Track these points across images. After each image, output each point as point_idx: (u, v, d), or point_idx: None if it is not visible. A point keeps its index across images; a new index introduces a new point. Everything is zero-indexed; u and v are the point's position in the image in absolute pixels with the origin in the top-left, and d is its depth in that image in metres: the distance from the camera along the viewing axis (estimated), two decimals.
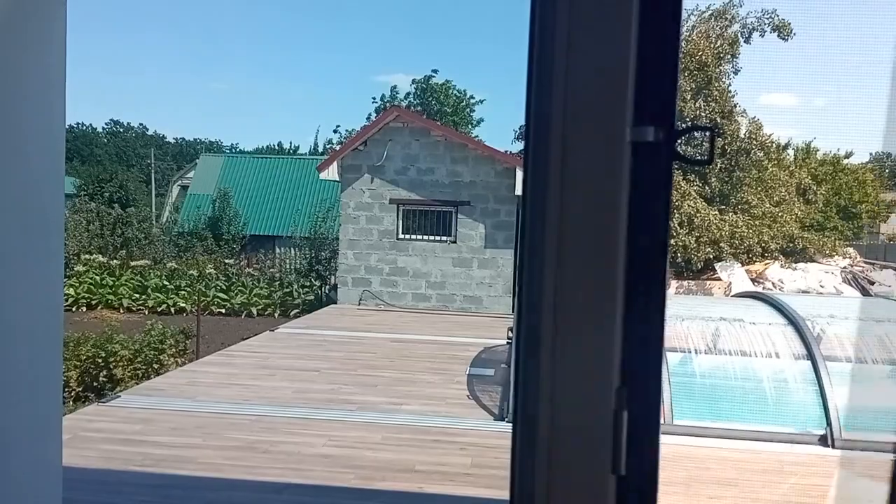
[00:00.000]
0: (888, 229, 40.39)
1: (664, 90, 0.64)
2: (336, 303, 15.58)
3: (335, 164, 15.29)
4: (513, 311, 13.96)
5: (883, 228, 40.31)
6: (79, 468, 4.95)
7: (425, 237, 15.05)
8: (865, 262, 21.14)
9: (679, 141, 0.67)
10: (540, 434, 0.59)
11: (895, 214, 40.07)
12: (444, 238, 14.99)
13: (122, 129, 75.08)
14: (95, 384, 9.51)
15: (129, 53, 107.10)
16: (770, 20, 20.38)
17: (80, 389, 9.44)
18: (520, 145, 41.52)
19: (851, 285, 18.34)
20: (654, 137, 0.64)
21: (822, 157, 36.74)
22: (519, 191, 14.37)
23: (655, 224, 0.63)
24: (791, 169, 22.85)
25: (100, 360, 9.60)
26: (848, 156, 38.47)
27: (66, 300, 17.11)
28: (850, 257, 21.53)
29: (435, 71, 45.42)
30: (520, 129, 41.27)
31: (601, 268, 0.59)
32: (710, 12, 20.31)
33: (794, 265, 19.72)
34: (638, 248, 0.61)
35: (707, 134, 0.68)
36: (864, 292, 17.72)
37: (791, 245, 20.57)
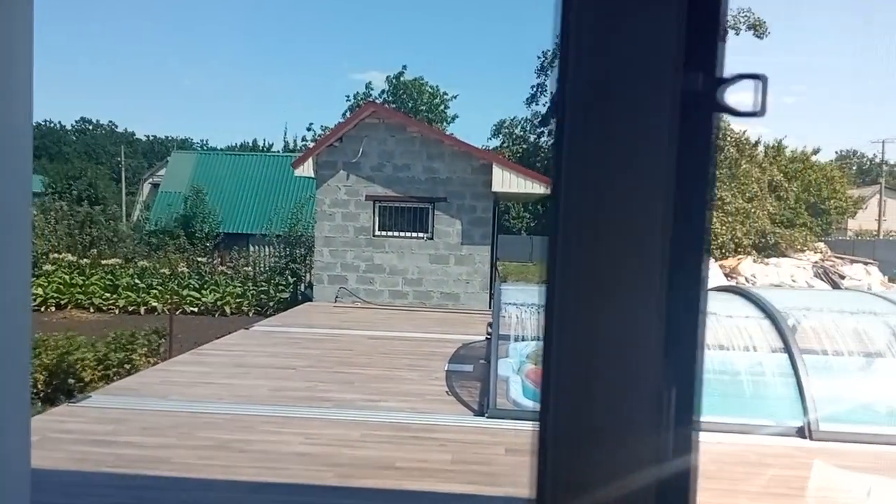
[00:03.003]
0: (856, 225, 41.18)
1: (712, 27, 0.58)
2: (312, 300, 15.43)
3: (310, 160, 15.14)
4: (489, 307, 13.92)
5: (851, 224, 41.10)
6: (48, 470, 4.81)
7: (402, 234, 14.97)
8: (836, 257, 21.47)
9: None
10: (576, 420, 0.53)
11: (862, 211, 40.89)
12: (420, 235, 14.92)
13: (91, 127, 73.95)
14: (64, 388, 9.27)
15: (100, 50, 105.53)
16: (746, 18, 20.60)
17: (50, 391, 9.20)
18: (496, 141, 41.51)
19: (822, 279, 18.61)
20: (699, 85, 0.58)
21: (790, 154, 37.36)
22: (496, 187, 14.34)
23: (699, 183, 0.57)
24: (763, 165, 23.16)
25: (66, 364, 9.34)
26: (815, 152, 39.19)
27: (35, 300, 16.74)
28: (821, 252, 21.87)
29: (405, 67, 45.36)
30: (496, 124, 41.29)
31: (644, 232, 0.52)
32: None
33: (766, 260, 19.97)
34: (680, 209, 0.55)
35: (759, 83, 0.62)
36: (835, 286, 17.98)
37: (763, 240, 20.84)
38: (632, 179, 0.55)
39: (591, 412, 0.54)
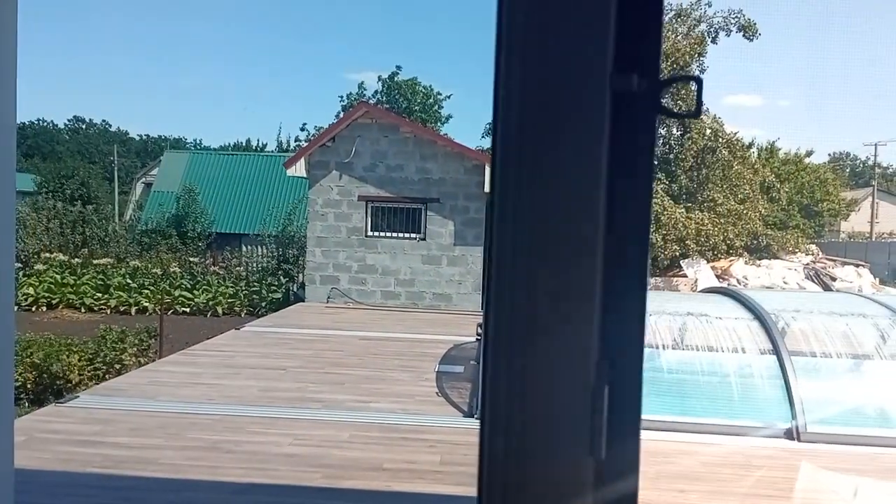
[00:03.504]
0: (848, 227, 41.35)
1: (648, 33, 0.58)
2: (304, 301, 15.41)
3: (302, 160, 15.12)
4: (482, 308, 13.94)
5: (843, 226, 41.27)
6: (34, 470, 4.78)
7: (394, 234, 14.96)
8: (827, 259, 21.55)
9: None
10: (511, 418, 0.53)
11: (855, 213, 41.06)
12: (413, 235, 14.92)
13: (84, 126, 73.62)
14: (53, 387, 9.24)
15: (93, 49, 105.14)
16: (736, 20, 20.70)
17: (40, 389, 9.17)
18: (489, 141, 41.48)
19: (814, 281, 18.68)
20: (638, 87, 0.58)
21: (783, 156, 37.51)
22: (488, 188, 14.34)
23: (638, 183, 0.57)
24: (755, 167, 23.22)
25: (55, 362, 9.31)
26: (808, 154, 39.35)
27: (26, 299, 16.67)
28: (813, 254, 21.94)
29: (399, 67, 45.25)
30: (489, 124, 41.35)
31: (579, 232, 0.52)
32: (673, 12, 20.60)
33: (758, 262, 20.03)
34: (619, 211, 0.56)
35: (694, 86, 0.62)
36: (826, 288, 18.05)
37: (755, 242, 20.90)
38: (568, 179, 0.55)
39: (525, 412, 0.54)
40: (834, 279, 18.66)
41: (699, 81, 0.61)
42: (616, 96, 0.57)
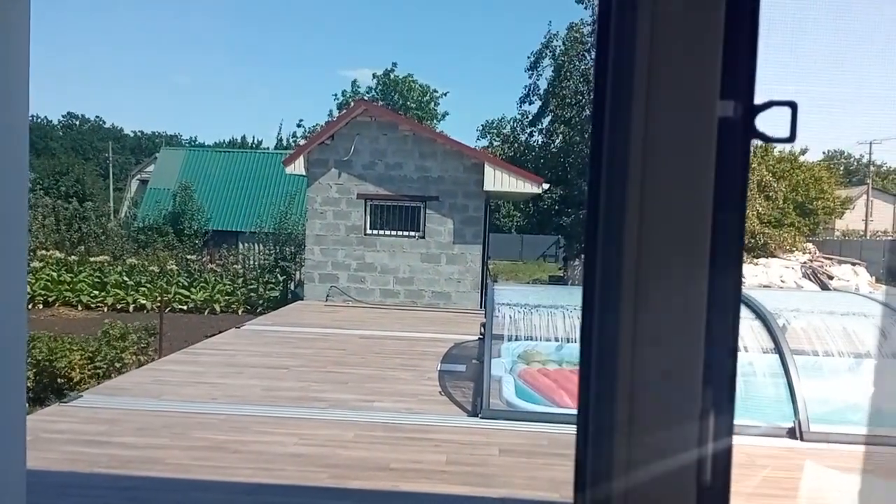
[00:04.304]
0: (843, 225, 41.50)
1: (745, 62, 0.60)
2: (302, 299, 15.40)
3: (301, 158, 15.11)
4: (481, 307, 13.96)
5: (837, 224, 41.39)
6: (41, 471, 4.78)
7: (393, 232, 14.96)
8: (824, 258, 21.64)
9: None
10: (617, 442, 0.54)
11: (850, 211, 41.22)
12: (412, 233, 14.92)
13: (77, 122, 73.36)
14: (54, 385, 9.21)
15: (87, 44, 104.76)
16: None
17: (40, 388, 9.14)
18: (484, 141, 41.52)
19: (811, 280, 18.76)
20: (734, 113, 0.60)
21: (778, 154, 37.56)
22: (487, 186, 14.36)
23: (734, 205, 0.59)
24: (752, 165, 23.29)
25: (56, 360, 9.28)
26: (803, 152, 39.41)
27: None
28: (810, 252, 22.02)
29: (395, 64, 45.21)
30: (483, 125, 41.35)
31: (686, 255, 0.54)
32: None
33: (755, 260, 20.10)
34: (717, 233, 0.57)
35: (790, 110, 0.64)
36: (824, 287, 18.14)
37: (753, 241, 20.97)
38: (676, 194, 0.57)
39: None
40: (831, 277, 18.76)
41: (794, 106, 0.63)
42: (719, 122, 0.59)
